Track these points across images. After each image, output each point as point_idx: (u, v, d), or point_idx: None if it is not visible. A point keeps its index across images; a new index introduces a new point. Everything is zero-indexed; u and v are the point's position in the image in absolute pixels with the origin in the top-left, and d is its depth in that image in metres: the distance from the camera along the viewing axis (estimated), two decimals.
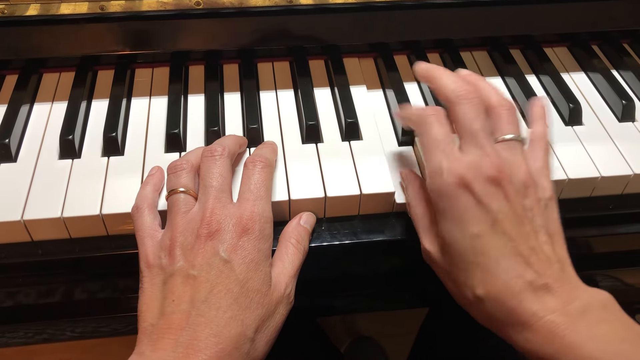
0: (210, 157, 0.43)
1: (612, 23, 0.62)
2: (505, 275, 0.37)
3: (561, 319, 0.35)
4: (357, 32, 0.59)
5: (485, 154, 0.39)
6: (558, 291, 0.36)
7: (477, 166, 0.38)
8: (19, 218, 0.44)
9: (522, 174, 0.39)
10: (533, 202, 0.39)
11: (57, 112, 0.54)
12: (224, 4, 0.54)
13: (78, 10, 0.53)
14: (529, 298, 0.36)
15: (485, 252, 0.37)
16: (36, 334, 0.55)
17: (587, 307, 0.36)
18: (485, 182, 0.38)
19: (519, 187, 0.39)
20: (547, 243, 0.38)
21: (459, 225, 0.38)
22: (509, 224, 0.38)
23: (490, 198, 0.38)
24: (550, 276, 0.37)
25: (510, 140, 0.40)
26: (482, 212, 0.38)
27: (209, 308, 0.36)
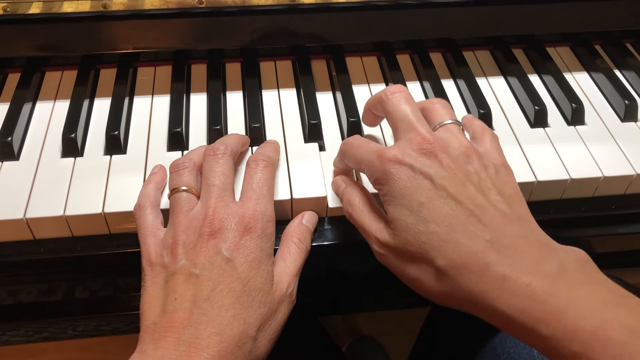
0: (212, 155, 0.43)
1: (614, 23, 0.62)
2: (462, 238, 0.35)
3: (537, 282, 0.32)
4: (359, 32, 0.59)
5: (417, 133, 0.39)
6: (527, 250, 0.34)
7: (408, 145, 0.38)
8: (22, 216, 0.44)
9: (460, 145, 0.39)
10: (478, 167, 0.38)
11: (59, 111, 0.54)
12: (227, 3, 0.54)
13: (81, 8, 0.53)
14: (495, 259, 0.34)
15: (435, 218, 0.36)
16: (37, 332, 0.55)
17: (563, 266, 0.33)
18: (417, 155, 0.38)
19: (457, 156, 0.38)
20: (500, 202, 0.37)
21: (403, 201, 0.37)
22: (452, 187, 0.36)
23: (426, 167, 0.37)
24: (512, 234, 0.35)
25: (447, 124, 0.41)
26: (420, 181, 0.37)
27: (211, 306, 0.36)
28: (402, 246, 0.37)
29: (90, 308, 0.52)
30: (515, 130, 0.53)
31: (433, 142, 0.38)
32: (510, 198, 0.38)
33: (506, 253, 0.34)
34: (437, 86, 0.57)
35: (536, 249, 0.34)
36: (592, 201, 0.50)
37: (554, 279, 0.33)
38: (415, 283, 0.38)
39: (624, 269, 0.57)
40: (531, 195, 0.49)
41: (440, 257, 0.35)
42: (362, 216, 0.41)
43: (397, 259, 0.38)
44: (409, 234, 0.37)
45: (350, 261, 0.52)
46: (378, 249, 0.40)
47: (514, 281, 0.33)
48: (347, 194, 0.43)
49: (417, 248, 0.36)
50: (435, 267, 0.36)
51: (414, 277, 0.38)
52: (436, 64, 0.60)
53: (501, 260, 0.34)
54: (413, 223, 0.36)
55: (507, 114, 0.55)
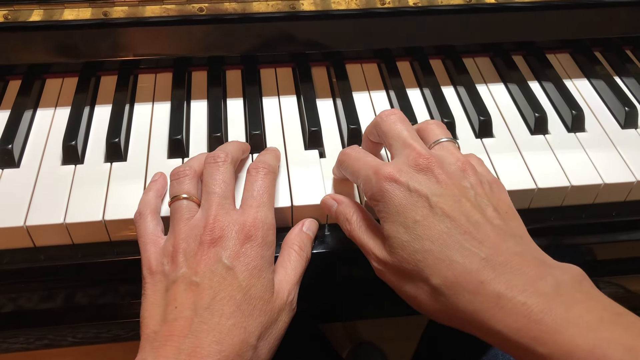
0: (213, 163, 0.43)
1: (614, 30, 0.62)
2: (457, 256, 0.35)
3: (533, 300, 0.32)
4: (359, 39, 0.59)
5: (412, 150, 0.39)
6: (522, 268, 0.34)
7: (404, 162, 0.39)
8: (22, 224, 0.44)
9: (456, 160, 0.39)
10: (474, 182, 0.38)
11: (60, 118, 0.54)
12: (227, 11, 0.54)
13: (81, 16, 0.54)
14: (490, 277, 0.33)
15: (430, 236, 0.36)
16: (37, 339, 0.55)
17: (559, 284, 0.33)
18: (413, 171, 0.38)
19: (453, 170, 0.38)
20: (496, 218, 0.37)
21: (399, 218, 0.37)
22: (447, 204, 0.36)
23: (421, 184, 0.37)
24: (507, 251, 0.35)
25: (443, 141, 0.41)
26: (416, 199, 0.37)
27: (212, 315, 0.36)
28: (399, 264, 0.37)
29: (91, 315, 0.52)
30: (515, 137, 0.53)
31: (429, 157, 0.38)
32: (506, 215, 0.38)
33: (501, 271, 0.34)
34: (437, 93, 0.57)
35: (532, 266, 0.34)
36: (592, 208, 0.50)
37: (550, 297, 0.32)
38: (412, 300, 0.38)
39: (625, 276, 0.57)
40: (532, 203, 0.49)
41: (435, 275, 0.35)
42: (360, 233, 0.41)
43: (395, 276, 0.38)
44: (405, 252, 0.37)
45: (351, 268, 0.52)
46: (376, 265, 0.40)
47: (509, 300, 0.33)
48: (343, 212, 0.43)
49: (412, 266, 0.36)
50: (430, 286, 0.36)
51: (411, 294, 0.37)
52: (436, 71, 0.60)
53: (496, 279, 0.33)
54: (408, 241, 0.36)
55: (507, 121, 0.55)
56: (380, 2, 0.56)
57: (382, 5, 0.56)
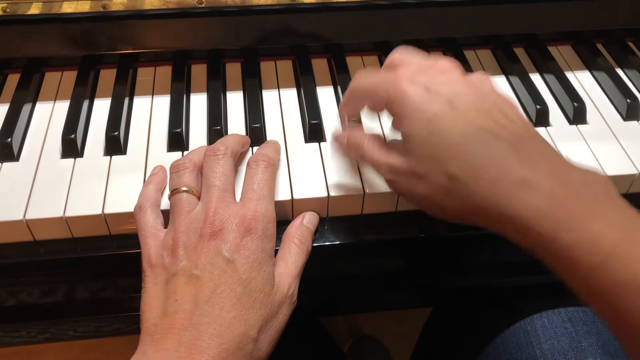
0: (213, 156, 0.43)
1: (616, 21, 0.62)
2: (479, 146, 0.34)
3: (561, 188, 0.31)
4: (360, 31, 0.58)
5: (425, 60, 0.39)
6: (548, 158, 0.33)
7: (419, 67, 0.39)
8: (22, 217, 0.44)
9: (470, 75, 0.39)
10: (491, 90, 0.38)
11: (59, 111, 0.54)
12: (227, 3, 0.54)
13: (80, 9, 0.53)
14: (514, 162, 0.32)
15: (449, 129, 0.35)
16: (38, 333, 0.55)
17: (586, 178, 0.32)
18: (431, 72, 0.38)
19: (471, 77, 0.38)
20: (517, 120, 0.36)
21: (418, 115, 0.36)
22: (467, 101, 0.36)
23: (442, 84, 0.37)
24: (531, 141, 0.34)
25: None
26: (435, 96, 0.36)
27: (212, 308, 0.36)
28: (416, 163, 0.37)
29: (91, 309, 0.52)
30: None
31: (447, 63, 0.38)
32: (527, 125, 0.37)
33: (527, 157, 0.33)
34: None
35: (558, 159, 0.33)
36: None
37: (577, 187, 0.31)
38: (426, 201, 0.37)
39: None
40: None
41: (453, 164, 0.35)
42: (373, 151, 0.40)
43: (409, 179, 0.38)
44: (423, 148, 0.36)
45: (351, 262, 0.51)
46: (390, 176, 0.39)
47: (535, 183, 0.31)
48: (353, 138, 0.42)
49: (429, 161, 0.36)
50: (448, 176, 0.35)
51: (425, 194, 0.37)
52: None
53: (522, 164, 0.33)
54: (426, 136, 0.36)
55: None
56: None
57: None
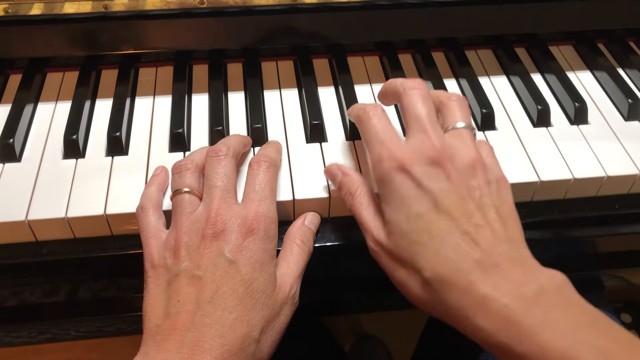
0: (215, 157, 0.43)
1: (617, 21, 0.62)
2: (452, 254, 0.35)
3: (515, 304, 0.33)
4: (361, 31, 0.58)
5: (427, 138, 0.39)
6: (510, 272, 0.35)
7: (417, 150, 0.38)
8: (24, 218, 0.44)
9: (468, 155, 0.39)
10: (481, 182, 0.38)
11: (61, 112, 0.54)
12: (228, 3, 0.54)
13: (82, 9, 0.53)
14: (479, 278, 0.34)
15: (429, 231, 0.36)
16: (40, 333, 0.55)
17: (542, 290, 0.34)
18: (424, 163, 0.38)
19: (463, 167, 0.38)
20: (497, 221, 0.37)
21: (402, 208, 0.37)
22: (451, 203, 0.37)
23: (430, 179, 0.37)
24: (500, 255, 0.35)
25: (460, 128, 0.41)
26: (422, 193, 0.37)
27: (215, 309, 0.36)
28: (395, 249, 0.38)
29: (93, 309, 0.52)
30: (518, 130, 0.53)
31: (441, 151, 0.38)
32: (507, 217, 0.38)
33: (490, 273, 0.35)
34: (440, 85, 0.57)
35: (519, 271, 0.35)
36: (595, 201, 0.50)
37: (531, 301, 0.33)
38: (402, 286, 0.39)
39: (627, 269, 0.57)
40: (534, 195, 0.49)
41: (428, 269, 0.36)
42: (361, 209, 0.41)
43: (388, 259, 0.39)
44: (403, 240, 0.37)
45: (352, 262, 0.51)
46: (372, 246, 0.40)
47: (493, 301, 0.34)
48: (347, 184, 0.43)
49: (408, 255, 0.37)
50: (422, 277, 0.36)
51: (402, 280, 0.38)
52: (438, 64, 0.60)
53: (485, 280, 0.34)
54: (408, 232, 0.37)
55: (509, 114, 0.55)
56: None
57: None
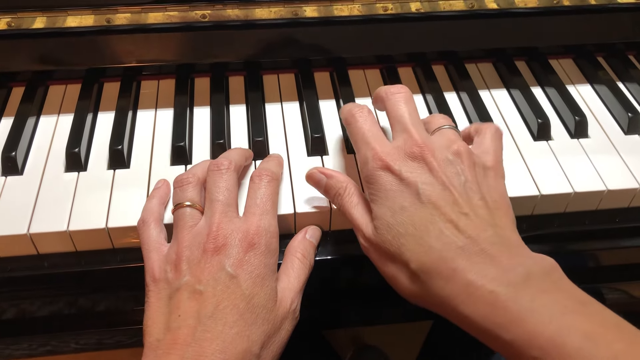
0: (216, 170, 0.43)
1: (617, 35, 0.62)
2: (436, 243, 0.36)
3: (501, 289, 0.33)
4: (362, 44, 0.59)
5: (410, 136, 0.40)
6: (496, 258, 0.35)
7: (401, 147, 0.40)
8: (25, 231, 0.44)
9: (450, 144, 0.40)
10: (465, 167, 0.39)
11: (63, 125, 0.54)
12: (230, 17, 0.54)
13: (84, 23, 0.54)
14: (464, 266, 0.35)
15: (413, 222, 0.37)
16: (40, 346, 0.55)
17: (529, 275, 0.34)
18: (406, 159, 0.39)
19: (445, 156, 0.39)
20: (481, 207, 0.38)
21: (387, 203, 0.39)
22: (434, 193, 0.38)
23: (412, 173, 0.39)
24: (485, 241, 0.36)
25: (444, 128, 0.43)
26: (404, 187, 0.38)
27: (215, 323, 0.36)
28: (383, 244, 0.39)
29: (93, 322, 0.52)
30: (518, 144, 0.53)
31: (423, 146, 0.39)
32: (494, 203, 0.39)
33: (475, 260, 0.35)
34: (440, 99, 0.57)
35: (505, 257, 0.35)
36: (596, 214, 0.50)
37: (518, 287, 0.34)
38: (392, 281, 0.39)
39: (628, 282, 0.57)
40: (534, 209, 0.49)
41: (414, 259, 0.37)
42: (351, 207, 0.42)
43: (378, 254, 0.40)
44: (389, 234, 0.38)
45: (353, 275, 0.51)
46: (363, 242, 0.41)
47: (477, 288, 0.34)
48: (334, 185, 0.44)
49: (395, 248, 0.38)
50: (409, 269, 0.37)
51: (392, 274, 0.39)
52: (439, 77, 0.60)
53: (469, 267, 0.35)
54: (393, 224, 0.38)
55: (510, 127, 0.55)
56: (383, 9, 0.56)
57: (384, 12, 0.56)
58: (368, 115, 0.44)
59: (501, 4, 0.57)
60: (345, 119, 0.45)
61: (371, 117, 0.44)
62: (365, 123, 0.43)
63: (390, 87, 0.44)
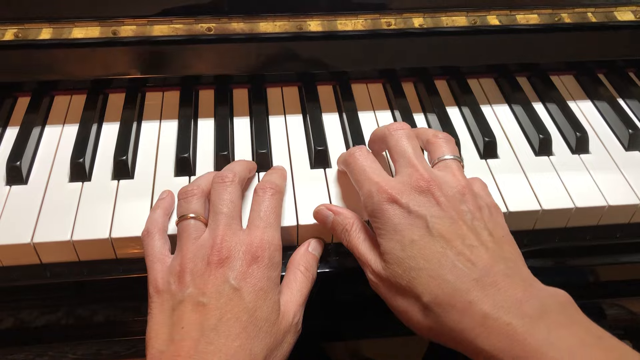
0: (221, 183, 0.43)
1: (618, 52, 0.63)
2: (449, 275, 0.36)
3: (518, 321, 0.33)
4: (365, 59, 0.59)
5: (415, 171, 0.40)
6: (510, 290, 0.35)
7: (406, 181, 0.40)
8: (29, 241, 0.44)
9: (456, 183, 0.40)
10: (472, 207, 0.39)
11: (68, 135, 0.54)
12: (235, 31, 0.55)
13: (90, 34, 0.54)
14: (479, 297, 0.34)
15: (424, 255, 0.37)
16: (38, 356, 0.55)
17: (545, 308, 0.34)
18: (413, 192, 0.39)
19: (452, 194, 0.39)
20: (490, 242, 0.38)
21: (395, 237, 0.38)
22: (444, 226, 0.37)
23: (420, 206, 0.38)
24: (498, 273, 0.35)
25: (447, 159, 0.42)
26: (414, 220, 0.38)
27: (218, 336, 0.36)
28: (393, 278, 0.38)
29: (93, 332, 0.51)
30: (520, 159, 0.53)
31: (429, 180, 0.39)
32: (501, 239, 0.39)
33: (490, 292, 0.35)
34: (442, 114, 0.57)
35: (519, 289, 0.35)
36: (596, 230, 0.50)
37: (534, 319, 0.33)
38: (404, 315, 0.39)
39: (628, 297, 0.57)
40: (536, 224, 0.49)
41: (426, 293, 0.36)
42: (358, 244, 0.42)
43: (388, 289, 0.39)
44: (400, 268, 0.38)
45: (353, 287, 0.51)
46: (372, 278, 0.40)
47: (494, 320, 0.34)
48: (341, 222, 0.43)
49: (406, 282, 0.37)
50: (421, 303, 0.37)
51: (403, 309, 0.38)
52: (441, 92, 0.61)
53: (484, 299, 0.34)
54: (404, 258, 0.37)
55: (511, 142, 0.55)
56: (386, 24, 0.56)
57: (387, 27, 0.56)
58: (367, 153, 0.44)
59: (503, 21, 0.58)
60: (344, 160, 0.45)
61: (370, 155, 0.44)
62: (365, 160, 0.43)
63: (391, 125, 0.44)
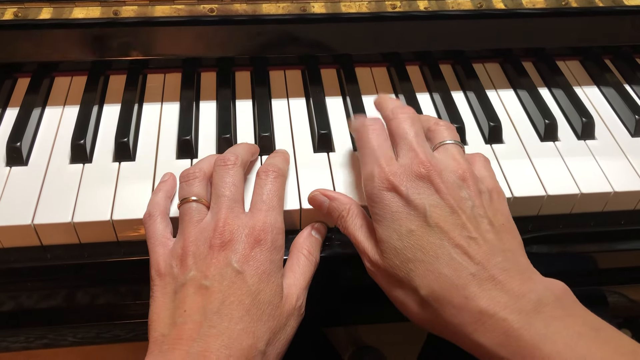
0: (223, 166, 0.43)
1: (624, 37, 0.62)
2: (446, 269, 0.36)
3: (514, 317, 0.33)
4: (369, 42, 0.59)
5: (415, 155, 0.40)
6: (507, 284, 0.35)
7: (407, 167, 0.39)
8: (29, 222, 0.44)
9: (457, 168, 0.39)
10: (472, 193, 0.39)
11: (68, 116, 0.54)
12: (238, 12, 0.54)
13: (91, 14, 0.53)
14: (476, 293, 0.34)
15: (422, 247, 0.37)
16: (37, 338, 0.55)
17: (541, 301, 0.34)
18: (413, 179, 0.38)
19: (453, 180, 0.39)
20: (490, 232, 0.37)
21: (393, 225, 0.38)
22: (442, 216, 0.37)
23: (419, 195, 0.38)
24: (495, 267, 0.35)
25: (448, 144, 0.42)
26: (411, 210, 0.38)
27: (221, 319, 0.36)
28: (391, 269, 0.38)
29: (93, 315, 0.51)
30: (525, 144, 0.53)
31: (429, 166, 0.39)
32: (501, 227, 0.38)
33: (486, 287, 0.35)
34: (447, 98, 0.57)
35: (516, 282, 0.35)
36: (601, 216, 0.50)
37: (530, 314, 0.33)
38: (400, 305, 0.39)
39: (630, 285, 0.57)
40: (540, 210, 0.49)
41: (423, 286, 0.36)
42: (355, 230, 0.41)
43: (385, 279, 0.39)
44: (397, 259, 0.37)
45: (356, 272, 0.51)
46: (369, 266, 0.40)
47: (490, 316, 0.34)
48: (337, 208, 0.43)
49: (404, 274, 0.37)
50: (419, 296, 0.37)
51: (400, 300, 0.38)
52: (446, 76, 0.60)
53: (480, 295, 0.34)
54: (401, 248, 0.37)
55: (517, 128, 0.55)
56: (391, 6, 0.55)
57: (392, 9, 0.56)
58: (381, 129, 0.43)
59: (509, 4, 0.57)
60: (356, 128, 0.44)
61: (384, 133, 0.43)
62: (377, 137, 0.42)
63: (396, 108, 0.44)
